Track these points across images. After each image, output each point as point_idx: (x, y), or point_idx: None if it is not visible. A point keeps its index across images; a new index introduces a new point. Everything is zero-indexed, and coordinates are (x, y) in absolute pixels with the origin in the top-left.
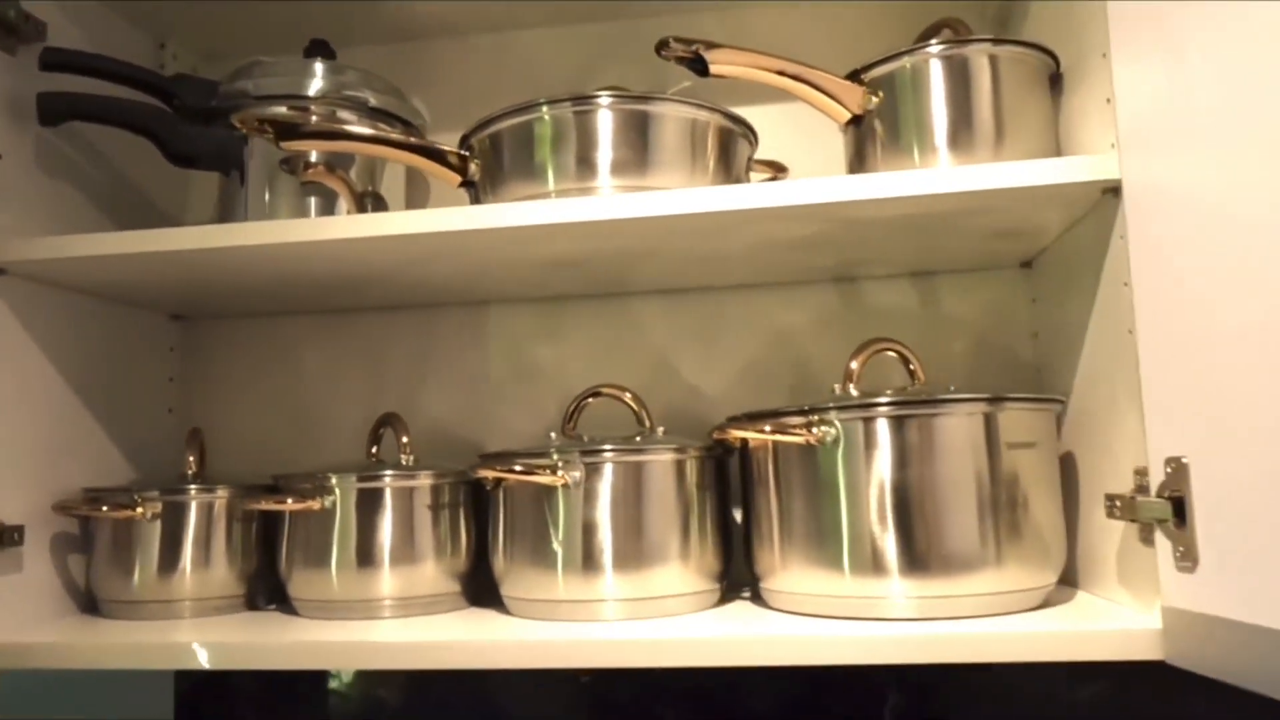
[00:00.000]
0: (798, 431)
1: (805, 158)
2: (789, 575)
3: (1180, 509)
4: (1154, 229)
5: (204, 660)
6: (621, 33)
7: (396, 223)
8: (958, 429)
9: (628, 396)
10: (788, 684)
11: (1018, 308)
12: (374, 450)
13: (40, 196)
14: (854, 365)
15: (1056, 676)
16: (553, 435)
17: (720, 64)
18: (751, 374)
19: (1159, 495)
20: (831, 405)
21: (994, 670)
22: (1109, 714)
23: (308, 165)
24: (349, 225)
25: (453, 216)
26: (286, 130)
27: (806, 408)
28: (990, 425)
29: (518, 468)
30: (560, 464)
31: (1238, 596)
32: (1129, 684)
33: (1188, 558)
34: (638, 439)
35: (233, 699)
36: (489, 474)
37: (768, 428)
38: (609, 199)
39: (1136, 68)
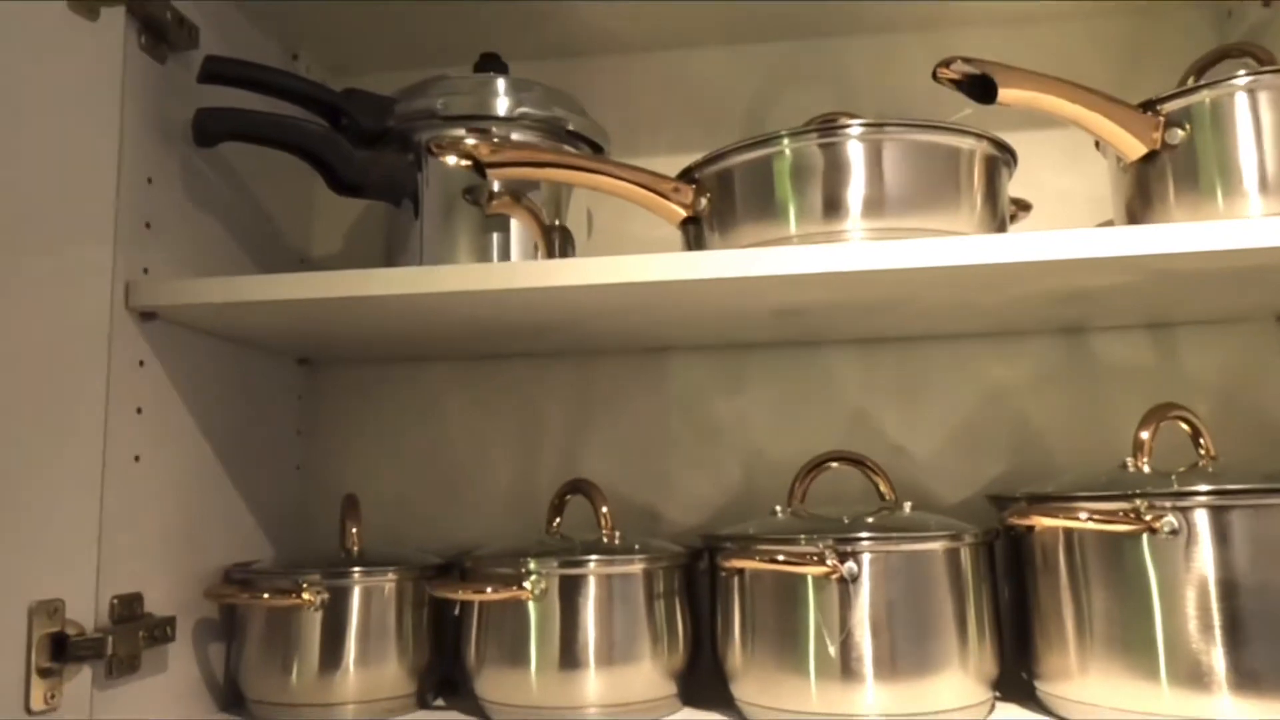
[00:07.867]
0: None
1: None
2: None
3: None
4: None
5: None
6: (803, 53)
7: (621, 269)
8: None
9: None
10: None
11: (1270, 364)
12: (555, 523)
13: (183, 226)
14: (1143, 436)
15: None
16: (778, 510)
17: (1011, 88)
18: (965, 435)
19: None
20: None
21: None
22: None
23: (492, 195)
24: (567, 270)
25: (689, 262)
26: (486, 158)
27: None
28: None
29: (781, 558)
30: (826, 553)
31: None
32: None
33: None
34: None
35: None
36: (744, 564)
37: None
38: (880, 247)
39: None
